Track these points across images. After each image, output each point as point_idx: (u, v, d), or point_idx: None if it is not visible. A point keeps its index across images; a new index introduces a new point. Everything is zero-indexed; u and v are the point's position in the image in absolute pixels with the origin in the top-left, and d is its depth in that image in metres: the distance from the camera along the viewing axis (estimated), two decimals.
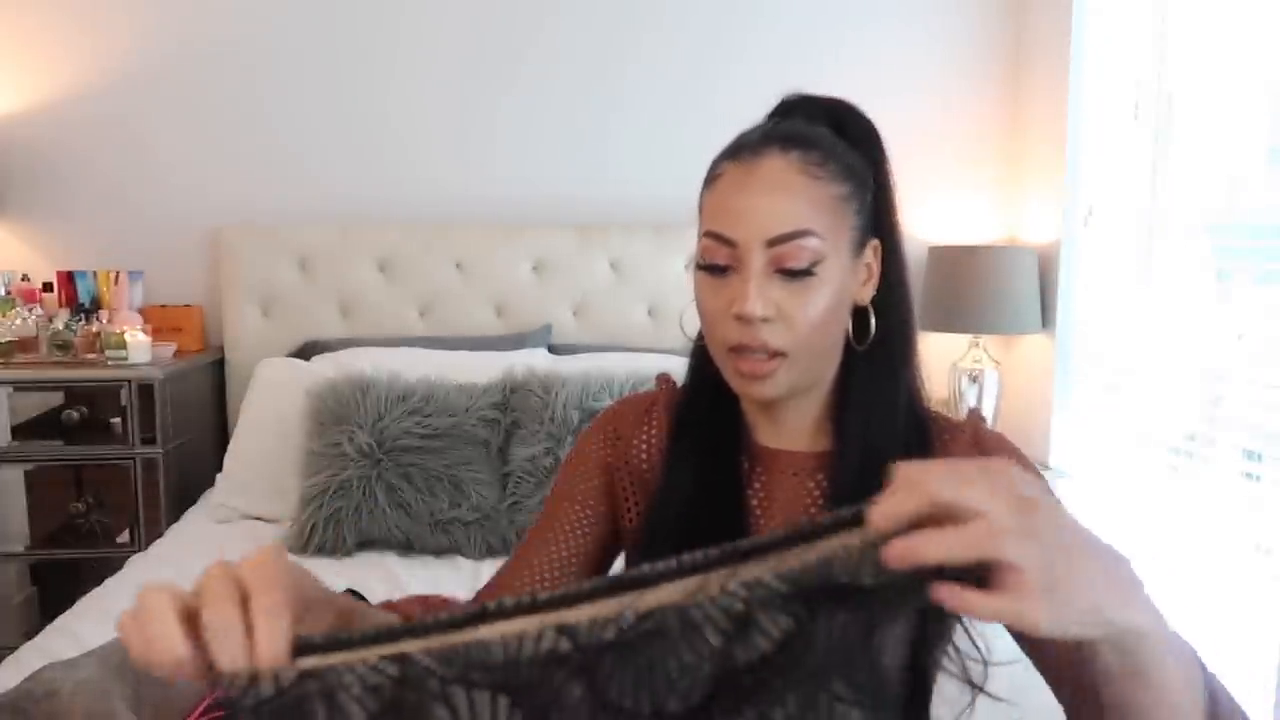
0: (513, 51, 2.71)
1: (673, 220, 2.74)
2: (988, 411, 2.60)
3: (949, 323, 2.58)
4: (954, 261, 2.57)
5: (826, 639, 0.49)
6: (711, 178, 0.82)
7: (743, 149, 0.80)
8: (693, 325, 0.90)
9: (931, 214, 2.79)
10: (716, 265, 0.79)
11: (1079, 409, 2.52)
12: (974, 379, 2.60)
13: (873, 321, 0.84)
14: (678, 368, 0.99)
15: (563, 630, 0.48)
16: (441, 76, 2.71)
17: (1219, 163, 2.08)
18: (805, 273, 0.77)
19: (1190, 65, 2.15)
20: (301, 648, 0.49)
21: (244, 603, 0.50)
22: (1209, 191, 2.12)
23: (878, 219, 0.84)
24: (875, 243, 0.84)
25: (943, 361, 2.67)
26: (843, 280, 0.80)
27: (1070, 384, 2.54)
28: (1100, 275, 2.46)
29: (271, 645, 0.48)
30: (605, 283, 2.70)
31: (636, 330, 2.70)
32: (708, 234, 0.80)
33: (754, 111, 0.91)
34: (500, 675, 0.48)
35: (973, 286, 2.53)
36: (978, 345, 2.64)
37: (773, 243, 0.77)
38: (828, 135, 0.82)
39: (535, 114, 2.74)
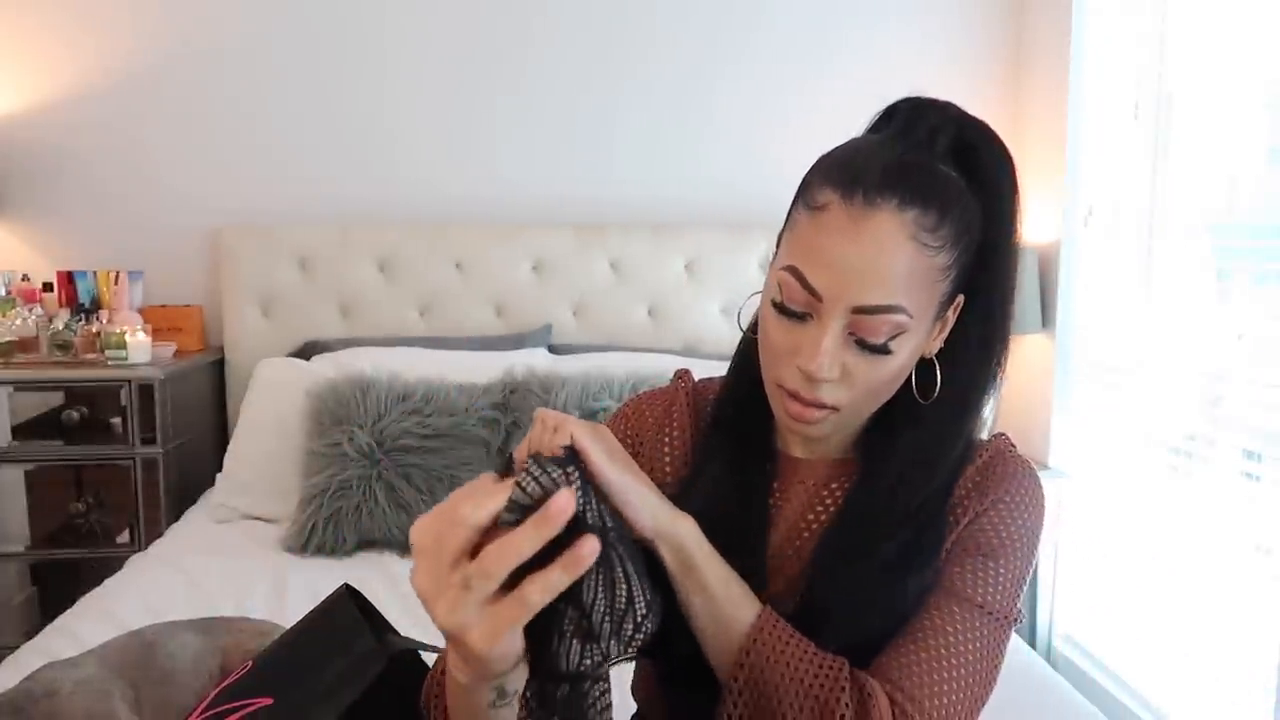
0: (512, 52, 2.72)
1: (672, 220, 2.74)
2: (987, 411, 2.60)
3: None
4: None
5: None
6: (814, 204, 0.73)
7: (856, 188, 0.71)
8: (748, 320, 0.86)
9: None
10: (792, 309, 0.74)
11: (1079, 409, 2.52)
12: None
13: (939, 375, 0.79)
14: (677, 367, 0.98)
15: None
16: (441, 77, 2.71)
17: (1219, 163, 2.08)
18: (882, 349, 0.73)
19: (1190, 65, 2.15)
20: None
21: None
22: (1209, 191, 2.12)
23: (987, 268, 0.77)
24: (960, 300, 0.78)
25: None
26: (916, 346, 0.76)
27: (1070, 384, 2.54)
28: (1100, 275, 2.46)
29: None
30: (605, 283, 2.70)
31: (636, 330, 2.70)
32: (791, 269, 0.73)
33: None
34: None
35: None
36: None
37: (859, 310, 0.72)
38: (952, 184, 0.74)
39: (534, 114, 2.74)
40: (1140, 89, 2.30)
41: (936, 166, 0.74)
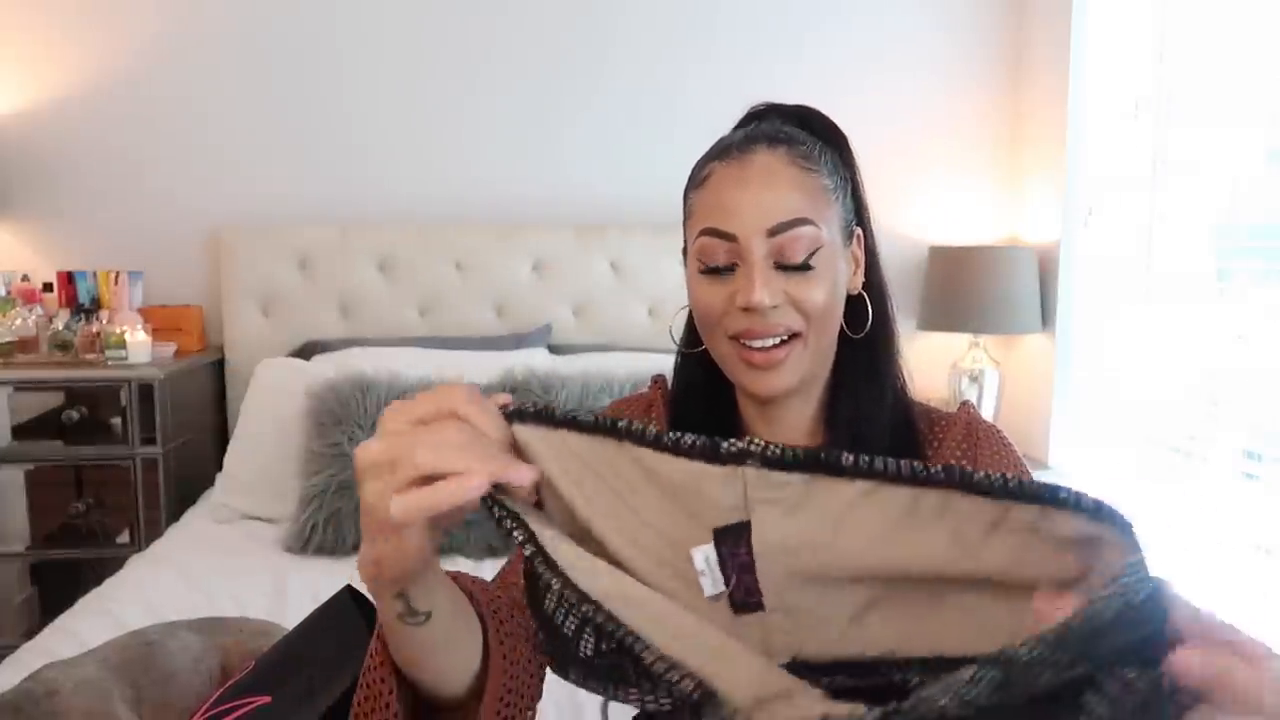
0: (513, 51, 2.71)
1: (672, 220, 2.73)
2: (988, 412, 2.60)
3: (949, 323, 2.58)
4: (954, 261, 2.57)
5: None
6: (700, 179, 0.82)
7: (729, 149, 0.81)
8: (680, 332, 0.90)
9: (931, 214, 2.79)
10: (716, 266, 0.79)
11: (1079, 409, 2.52)
12: (974, 379, 2.60)
13: (869, 308, 0.84)
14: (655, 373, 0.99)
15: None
16: (442, 77, 2.71)
17: (1219, 163, 2.08)
18: (804, 266, 0.77)
19: (1190, 65, 2.15)
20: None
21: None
22: (1209, 191, 2.12)
23: (860, 207, 0.86)
24: (859, 233, 0.86)
25: (943, 361, 2.67)
26: (838, 269, 0.81)
27: (1070, 384, 2.54)
28: (1100, 275, 2.46)
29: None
30: (605, 282, 2.70)
31: (636, 330, 2.70)
32: (705, 231, 0.79)
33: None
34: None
35: (973, 286, 2.53)
36: (978, 345, 2.64)
37: (773, 232, 0.77)
38: (806, 134, 0.83)
39: (534, 114, 2.73)
40: (1140, 89, 2.30)
41: (789, 125, 0.85)
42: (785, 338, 0.79)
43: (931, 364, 2.69)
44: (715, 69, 2.74)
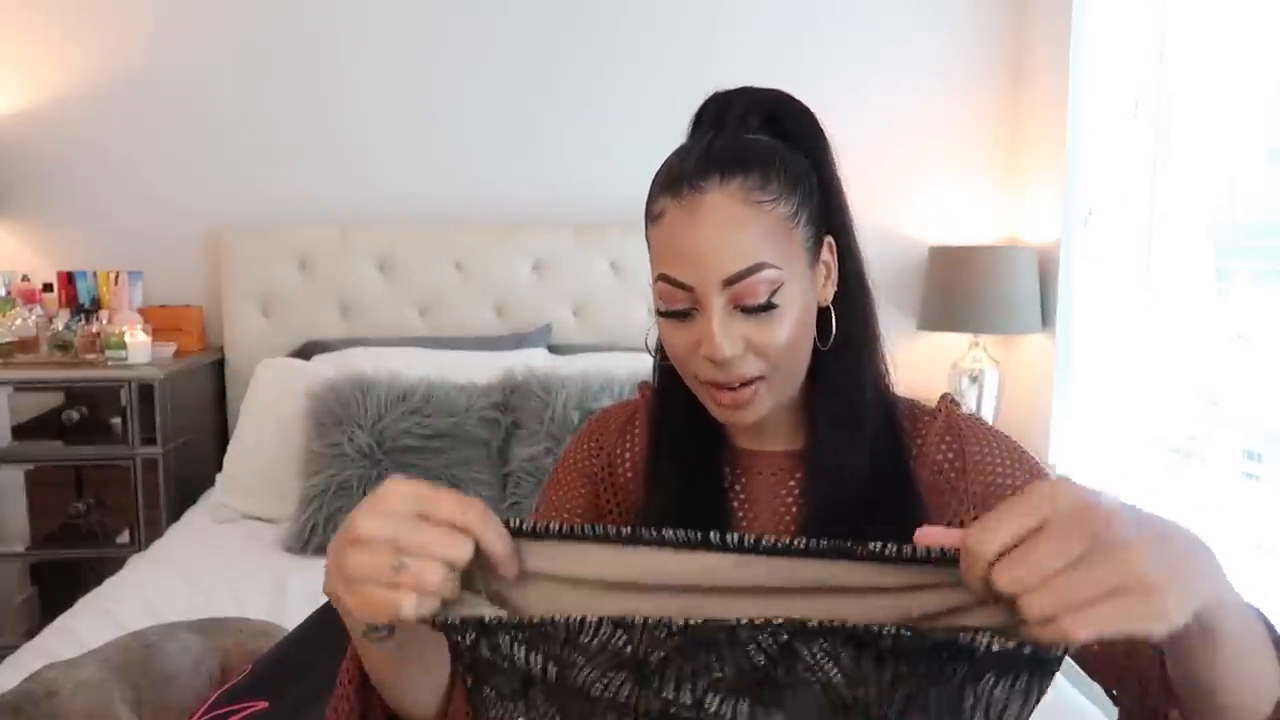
0: (512, 51, 2.72)
1: None
2: (988, 411, 2.60)
3: (949, 323, 2.58)
4: (954, 261, 2.57)
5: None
6: (654, 215, 0.81)
7: (681, 184, 0.78)
8: (656, 341, 0.89)
9: (931, 214, 2.79)
10: (677, 310, 0.78)
11: (1079, 409, 2.51)
12: (974, 379, 2.60)
13: (834, 323, 0.82)
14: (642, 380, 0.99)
15: (619, 625, 0.52)
16: (441, 76, 2.71)
17: (1219, 163, 2.08)
18: (766, 306, 0.76)
19: (1190, 65, 2.15)
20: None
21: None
22: (1209, 191, 2.12)
23: (826, 214, 0.82)
24: (829, 240, 0.82)
25: (943, 361, 2.67)
26: (804, 296, 0.79)
27: (1070, 384, 2.54)
28: (1100, 275, 2.46)
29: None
30: (605, 282, 2.70)
31: (636, 330, 2.70)
32: (661, 278, 0.79)
33: None
34: (558, 649, 0.54)
35: (973, 286, 2.53)
36: (978, 345, 2.64)
37: (729, 282, 0.75)
38: (764, 148, 0.79)
39: (534, 114, 2.73)
40: (1140, 89, 2.30)
41: (746, 138, 0.80)
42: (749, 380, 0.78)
43: (931, 364, 2.69)
44: (715, 69, 2.73)
